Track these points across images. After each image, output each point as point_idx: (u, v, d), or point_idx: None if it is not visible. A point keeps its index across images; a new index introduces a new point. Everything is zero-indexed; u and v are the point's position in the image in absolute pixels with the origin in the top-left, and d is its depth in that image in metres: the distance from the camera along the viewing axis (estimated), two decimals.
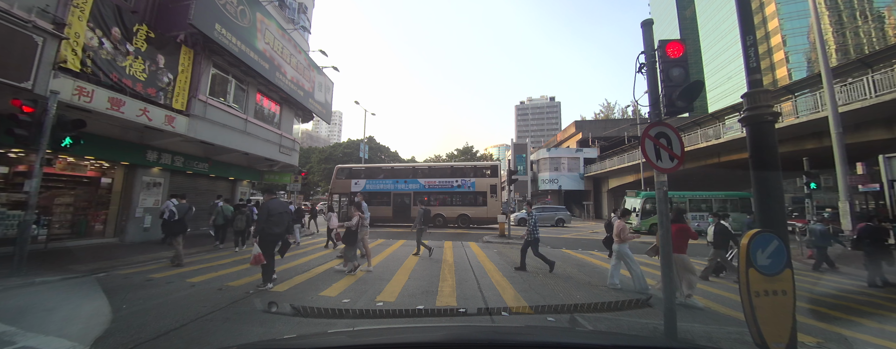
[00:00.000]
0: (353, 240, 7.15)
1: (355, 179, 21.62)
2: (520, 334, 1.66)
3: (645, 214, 19.30)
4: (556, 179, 40.92)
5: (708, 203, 19.06)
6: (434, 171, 22.46)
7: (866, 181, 12.83)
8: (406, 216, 20.10)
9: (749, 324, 2.70)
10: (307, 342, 1.53)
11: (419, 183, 21.20)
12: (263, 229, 5.73)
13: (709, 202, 19.15)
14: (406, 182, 21.32)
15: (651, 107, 3.88)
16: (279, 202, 6.12)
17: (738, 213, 18.40)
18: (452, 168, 22.72)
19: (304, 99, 16.30)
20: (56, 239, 9.09)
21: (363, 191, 19.25)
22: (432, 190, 20.44)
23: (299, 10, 17.35)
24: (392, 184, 21.20)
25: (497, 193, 20.11)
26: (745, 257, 2.75)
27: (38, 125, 5.96)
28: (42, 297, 5.00)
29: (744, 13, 3.62)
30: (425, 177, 21.69)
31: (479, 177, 20.77)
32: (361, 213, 7.45)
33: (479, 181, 20.57)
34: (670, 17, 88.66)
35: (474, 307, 4.89)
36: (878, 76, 12.75)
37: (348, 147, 50.55)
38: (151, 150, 10.84)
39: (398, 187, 21.06)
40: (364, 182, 21.47)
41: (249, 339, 3.61)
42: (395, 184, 21.11)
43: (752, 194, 3.38)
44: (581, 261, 9.36)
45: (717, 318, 4.74)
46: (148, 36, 9.01)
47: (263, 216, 5.78)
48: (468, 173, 21.12)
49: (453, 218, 20.09)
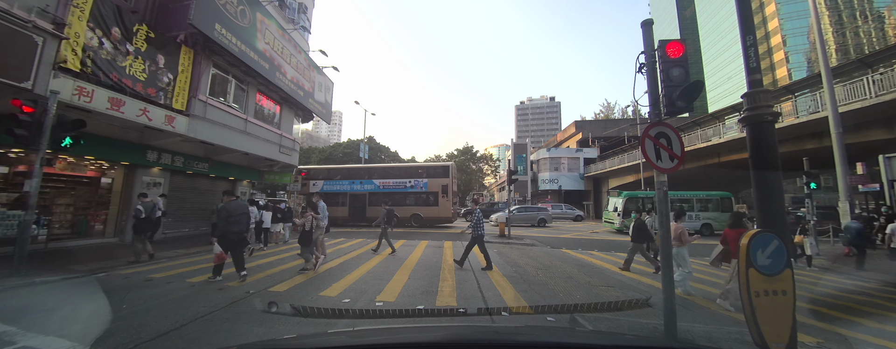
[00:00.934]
0: (309, 241, 7.24)
1: (314, 180, 21.96)
2: (520, 334, 1.66)
3: (626, 214, 19.35)
4: (556, 179, 40.92)
5: (689, 202, 19.17)
6: (388, 172, 22.86)
7: (866, 181, 12.84)
8: (361, 216, 20.55)
9: (749, 324, 2.70)
10: (307, 342, 1.53)
11: (374, 183, 21.54)
12: (224, 229, 6.04)
13: (690, 201, 19.24)
14: (361, 183, 21.62)
15: (651, 107, 3.88)
16: (238, 204, 6.44)
17: (717, 213, 18.55)
18: (406, 169, 23.24)
19: (304, 99, 16.30)
20: (56, 239, 9.09)
21: (321, 192, 19.34)
22: (386, 190, 20.70)
23: (299, 10, 17.35)
24: (348, 186, 21.49)
25: (448, 193, 20.50)
26: (745, 257, 2.75)
27: (38, 125, 5.96)
28: (42, 297, 5.00)
29: (744, 13, 3.62)
30: (380, 177, 22.04)
31: (432, 177, 21.18)
32: (316, 214, 7.51)
33: (431, 181, 20.97)
34: (670, 17, 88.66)
35: (474, 307, 4.89)
36: (878, 76, 12.75)
37: (348, 147, 50.53)
38: (151, 150, 10.84)
39: (354, 188, 21.33)
40: (321, 183, 21.80)
41: (249, 339, 3.61)
42: (351, 186, 21.37)
43: (753, 194, 3.38)
44: (581, 261, 9.36)
45: (717, 318, 4.74)
46: (148, 36, 9.01)
47: (224, 216, 6.08)
48: (421, 174, 21.62)
49: (407, 217, 20.25)
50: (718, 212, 18.55)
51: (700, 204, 19.12)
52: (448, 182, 20.69)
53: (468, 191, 56.56)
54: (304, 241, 7.23)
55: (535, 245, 12.73)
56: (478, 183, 56.40)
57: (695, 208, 18.80)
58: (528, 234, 16.78)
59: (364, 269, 7.46)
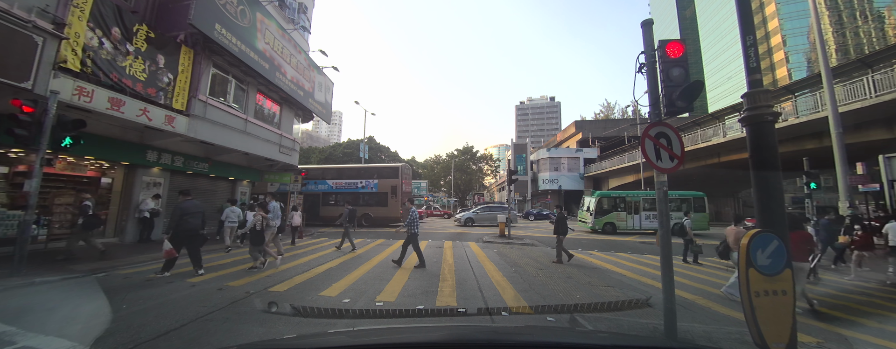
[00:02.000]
0: (259, 240, 7.29)
1: None
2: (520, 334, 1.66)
3: (598, 214, 19.55)
4: (556, 179, 40.93)
5: None
6: (341, 173, 23.50)
7: (866, 181, 12.83)
8: (315, 215, 21.05)
9: (749, 324, 2.70)
10: (307, 342, 1.53)
11: (328, 184, 22.11)
12: (178, 226, 6.34)
13: None
14: (316, 183, 22.08)
15: (651, 107, 3.89)
16: (193, 203, 6.83)
17: (692, 212, 18.53)
18: (357, 170, 23.78)
19: (304, 99, 16.29)
20: (56, 239, 9.08)
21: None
22: (339, 190, 21.13)
23: (299, 10, 17.34)
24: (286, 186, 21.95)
25: (397, 194, 21.11)
26: (745, 257, 2.75)
27: (38, 125, 5.96)
28: (42, 297, 5.00)
29: (744, 13, 3.61)
30: (333, 178, 22.74)
31: (382, 178, 21.85)
32: (266, 214, 7.53)
33: (381, 182, 21.64)
34: (670, 17, 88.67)
35: (474, 307, 4.89)
36: (878, 76, 12.75)
37: (348, 147, 50.56)
38: (151, 150, 10.84)
39: (308, 188, 21.57)
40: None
41: (249, 339, 3.61)
42: (305, 186, 21.64)
43: (753, 194, 3.38)
44: (581, 260, 9.36)
45: (717, 318, 4.74)
46: (148, 36, 9.01)
47: (177, 215, 6.41)
48: (372, 175, 22.30)
49: (358, 217, 20.66)
50: (693, 212, 18.59)
51: (673, 204, 19.21)
52: (397, 183, 21.43)
53: (468, 192, 56.55)
54: (254, 241, 7.30)
55: (535, 245, 12.73)
56: (478, 183, 56.39)
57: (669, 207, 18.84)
58: (528, 234, 16.79)
59: (364, 269, 7.46)
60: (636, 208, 19.36)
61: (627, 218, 19.30)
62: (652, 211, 19.01)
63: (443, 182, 56.52)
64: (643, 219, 19.09)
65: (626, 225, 19.19)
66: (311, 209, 21.46)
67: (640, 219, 19.15)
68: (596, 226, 19.33)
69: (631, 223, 19.24)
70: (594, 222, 19.43)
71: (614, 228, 19.29)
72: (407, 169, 23.56)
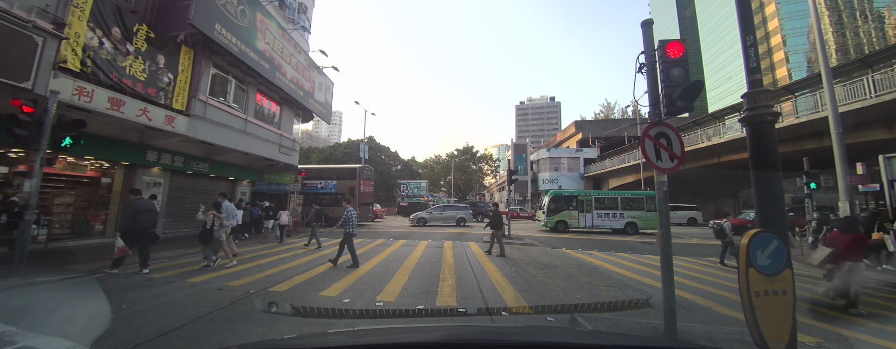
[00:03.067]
0: (209, 239, 7.30)
1: None
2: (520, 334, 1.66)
3: (550, 212, 19.88)
4: (556, 179, 40.93)
5: (614, 201, 19.78)
6: None
7: (866, 181, 12.82)
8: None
9: (749, 324, 2.70)
10: (307, 342, 1.54)
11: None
12: (129, 225, 6.50)
13: (615, 200, 19.80)
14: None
15: (651, 107, 3.88)
16: (144, 201, 7.04)
17: (642, 211, 19.00)
18: (317, 171, 24.04)
19: (304, 99, 16.30)
20: (56, 239, 9.09)
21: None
22: (300, 191, 21.01)
23: (299, 10, 17.35)
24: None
25: (355, 195, 21.46)
26: (745, 257, 2.75)
27: (38, 125, 5.96)
28: (42, 297, 5.01)
29: (744, 13, 3.61)
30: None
31: (341, 179, 22.20)
32: (219, 213, 7.51)
33: (340, 183, 21.98)
34: (670, 17, 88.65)
35: (474, 307, 4.89)
36: (878, 76, 12.75)
37: (348, 147, 50.53)
38: (151, 150, 10.84)
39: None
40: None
41: (249, 339, 3.61)
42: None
43: (753, 194, 3.38)
44: (581, 261, 9.36)
45: (717, 318, 4.74)
46: (148, 36, 9.01)
47: (129, 214, 6.59)
48: (331, 176, 22.66)
49: None
50: (643, 211, 19.09)
51: (625, 203, 19.58)
52: (354, 184, 21.78)
53: (468, 191, 56.56)
54: (204, 240, 7.31)
55: (535, 245, 12.74)
56: (478, 183, 56.41)
57: (619, 207, 19.32)
58: (528, 234, 16.78)
59: (364, 269, 7.46)
60: (588, 207, 19.62)
61: (579, 216, 19.56)
62: (603, 210, 19.39)
63: (443, 182, 56.54)
64: (595, 218, 19.36)
65: (577, 223, 19.52)
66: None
67: (592, 217, 19.39)
68: (548, 224, 19.73)
69: (582, 221, 19.46)
70: (546, 220, 19.87)
71: (566, 226, 19.58)
72: (366, 170, 23.93)
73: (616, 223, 19.01)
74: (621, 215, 19.04)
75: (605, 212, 19.26)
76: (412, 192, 46.57)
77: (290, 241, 12.26)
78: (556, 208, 19.87)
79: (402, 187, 47.67)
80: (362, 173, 22.74)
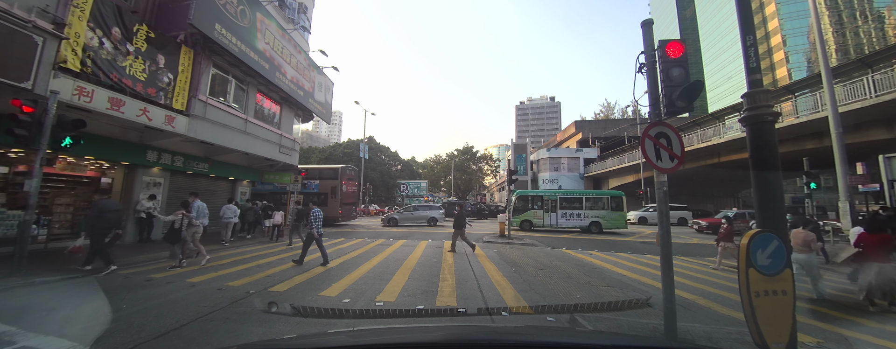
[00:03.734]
0: (176, 239, 7.32)
1: None
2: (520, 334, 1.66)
3: (516, 211, 19.97)
4: (556, 179, 40.93)
5: (579, 201, 19.96)
6: None
7: (866, 181, 12.82)
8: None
9: (749, 324, 2.70)
10: (307, 342, 1.54)
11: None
12: (94, 225, 6.59)
13: (580, 200, 19.98)
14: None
15: (651, 107, 3.88)
16: (110, 201, 7.16)
17: (606, 211, 19.09)
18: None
19: (304, 99, 16.30)
20: (56, 239, 9.08)
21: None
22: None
23: (299, 10, 17.35)
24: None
25: (337, 195, 21.63)
26: (745, 257, 2.75)
27: (38, 125, 5.96)
28: (42, 297, 5.01)
29: (744, 13, 3.61)
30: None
31: (324, 179, 22.34)
32: (188, 212, 7.49)
33: (322, 183, 22.09)
34: (670, 17, 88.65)
35: (474, 307, 4.89)
36: (878, 76, 12.75)
37: (348, 147, 50.56)
38: (151, 150, 10.84)
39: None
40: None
41: (249, 339, 3.61)
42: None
43: (753, 194, 3.38)
44: (581, 261, 9.36)
45: (717, 318, 4.74)
46: (148, 36, 9.01)
47: (95, 213, 6.67)
48: (314, 176, 22.69)
49: None
50: (607, 210, 19.18)
51: (589, 202, 19.68)
52: (337, 184, 21.87)
53: (468, 191, 56.56)
54: (171, 239, 7.31)
55: (534, 245, 12.74)
56: (478, 183, 56.41)
57: (584, 207, 19.52)
58: (528, 235, 16.79)
59: (364, 269, 7.46)
60: (552, 207, 19.80)
61: (544, 216, 19.73)
62: (568, 209, 19.61)
63: (443, 182, 56.56)
64: (560, 217, 19.57)
65: (542, 222, 19.73)
66: None
67: (557, 217, 19.61)
68: (514, 223, 19.83)
69: (547, 221, 19.67)
70: (511, 219, 19.91)
71: (531, 225, 19.75)
72: (348, 170, 24.00)
73: (580, 222, 19.25)
74: (586, 215, 19.30)
75: (570, 211, 19.52)
76: (412, 192, 46.63)
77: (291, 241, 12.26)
78: (522, 207, 20.15)
79: (402, 187, 47.72)
80: (345, 173, 22.91)
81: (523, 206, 20.15)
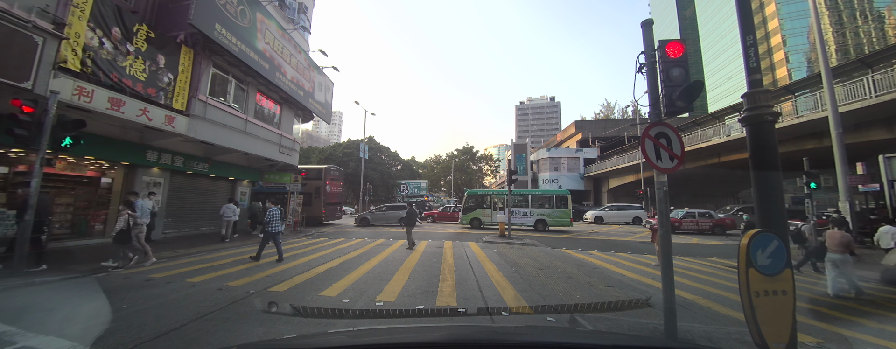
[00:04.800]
0: (126, 240, 7.15)
1: None
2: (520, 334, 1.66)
3: (466, 210, 20.81)
4: (556, 179, 40.93)
5: (526, 200, 20.45)
6: None
7: (866, 181, 12.83)
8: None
9: (749, 324, 2.70)
10: (307, 342, 1.54)
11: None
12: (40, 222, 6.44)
13: (527, 199, 20.48)
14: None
15: (651, 107, 3.89)
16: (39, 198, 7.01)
17: (552, 209, 19.57)
18: None
19: (304, 99, 16.30)
20: (56, 239, 9.08)
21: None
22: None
23: (299, 10, 17.35)
24: None
25: (321, 195, 21.96)
26: (745, 257, 2.75)
27: (38, 125, 5.96)
28: (42, 297, 5.00)
29: (744, 13, 3.61)
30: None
31: (308, 179, 22.44)
32: (133, 212, 7.30)
33: (307, 183, 22.18)
34: (670, 17, 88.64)
35: (474, 307, 4.89)
36: (878, 76, 12.75)
37: (348, 147, 50.52)
38: (151, 150, 10.84)
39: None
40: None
41: (249, 339, 3.61)
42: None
43: (753, 194, 3.38)
44: (581, 261, 9.36)
45: (717, 318, 4.74)
46: (148, 36, 9.01)
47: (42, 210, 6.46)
48: None
49: None
50: (553, 208, 19.58)
51: (536, 201, 20.20)
52: (321, 184, 22.15)
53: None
54: (120, 240, 7.13)
55: (535, 245, 12.74)
56: (478, 183, 56.40)
57: (530, 205, 20.10)
58: (528, 235, 16.79)
59: (364, 269, 7.46)
60: (500, 205, 20.28)
61: (492, 214, 20.32)
62: (515, 207, 20.05)
63: (443, 182, 56.57)
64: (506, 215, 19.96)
65: (490, 220, 20.25)
66: None
67: (504, 215, 19.89)
68: (463, 221, 20.80)
69: (495, 218, 20.01)
70: (461, 218, 20.90)
71: (480, 223, 20.44)
72: (333, 170, 24.17)
73: (527, 220, 19.75)
74: (532, 213, 19.86)
75: (518, 209, 20.00)
76: (412, 192, 46.59)
77: (290, 241, 12.28)
78: (472, 206, 20.77)
79: (402, 187, 47.69)
80: (328, 173, 23.11)
81: (473, 205, 20.82)
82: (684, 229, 18.94)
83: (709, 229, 18.85)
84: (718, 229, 18.77)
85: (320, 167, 24.09)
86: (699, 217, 19.24)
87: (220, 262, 7.93)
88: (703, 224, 18.98)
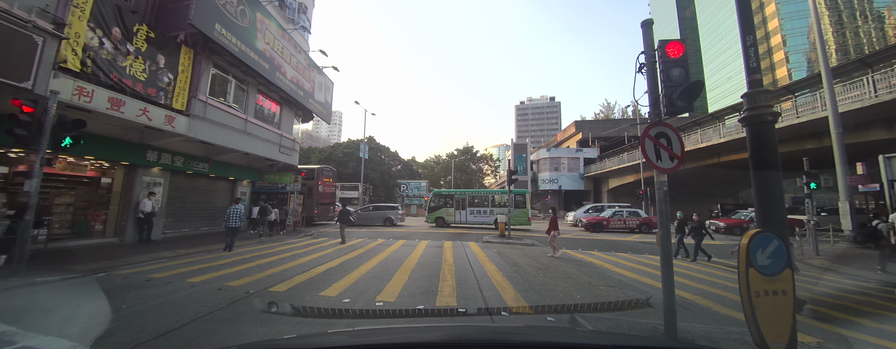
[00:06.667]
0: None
1: None
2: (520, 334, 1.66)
3: (431, 209, 21.60)
4: (556, 179, 40.94)
5: (487, 199, 21.48)
6: None
7: (866, 181, 12.82)
8: None
9: (749, 324, 2.70)
10: (307, 342, 1.54)
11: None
12: None
13: (488, 198, 21.56)
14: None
15: (651, 107, 3.88)
16: None
17: (512, 209, 19.76)
18: None
19: (304, 99, 16.30)
20: (56, 239, 9.08)
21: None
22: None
23: (299, 10, 17.35)
24: None
25: (314, 194, 22.11)
26: (745, 257, 2.75)
27: (38, 125, 5.95)
28: (42, 297, 5.00)
29: (744, 13, 3.62)
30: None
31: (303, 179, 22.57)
32: None
33: (302, 183, 22.34)
34: (670, 17, 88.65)
35: (474, 307, 4.89)
36: (878, 76, 12.75)
37: (348, 147, 50.50)
38: (151, 150, 10.84)
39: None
40: None
41: (249, 339, 3.61)
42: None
43: (753, 194, 3.38)
44: (581, 261, 9.36)
45: (717, 318, 4.74)
46: (148, 36, 9.01)
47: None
48: None
49: None
50: (512, 207, 19.81)
51: (495, 201, 21.16)
52: (313, 184, 22.33)
53: None
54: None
55: (535, 245, 12.74)
56: (478, 183, 56.37)
57: (491, 204, 21.04)
58: (528, 235, 16.78)
59: (364, 269, 7.46)
60: (462, 204, 21.11)
61: (455, 213, 21.12)
62: (476, 207, 21.12)
63: (443, 182, 56.51)
64: (469, 214, 21.09)
65: (454, 219, 21.11)
66: None
67: (466, 214, 21.13)
68: (428, 220, 21.55)
69: (458, 217, 21.04)
70: (427, 217, 21.63)
71: (444, 222, 21.12)
72: (326, 170, 24.21)
73: (487, 219, 20.48)
74: (492, 212, 20.53)
75: (478, 209, 20.95)
76: (412, 192, 46.55)
77: (290, 241, 12.29)
78: (436, 206, 21.46)
79: (402, 187, 47.65)
80: (322, 174, 23.22)
81: (438, 204, 21.44)
82: (613, 228, 19.31)
83: (636, 227, 19.23)
84: (645, 228, 19.10)
85: (313, 167, 24.25)
86: (628, 216, 19.71)
87: (220, 262, 7.93)
88: (630, 222, 19.40)
